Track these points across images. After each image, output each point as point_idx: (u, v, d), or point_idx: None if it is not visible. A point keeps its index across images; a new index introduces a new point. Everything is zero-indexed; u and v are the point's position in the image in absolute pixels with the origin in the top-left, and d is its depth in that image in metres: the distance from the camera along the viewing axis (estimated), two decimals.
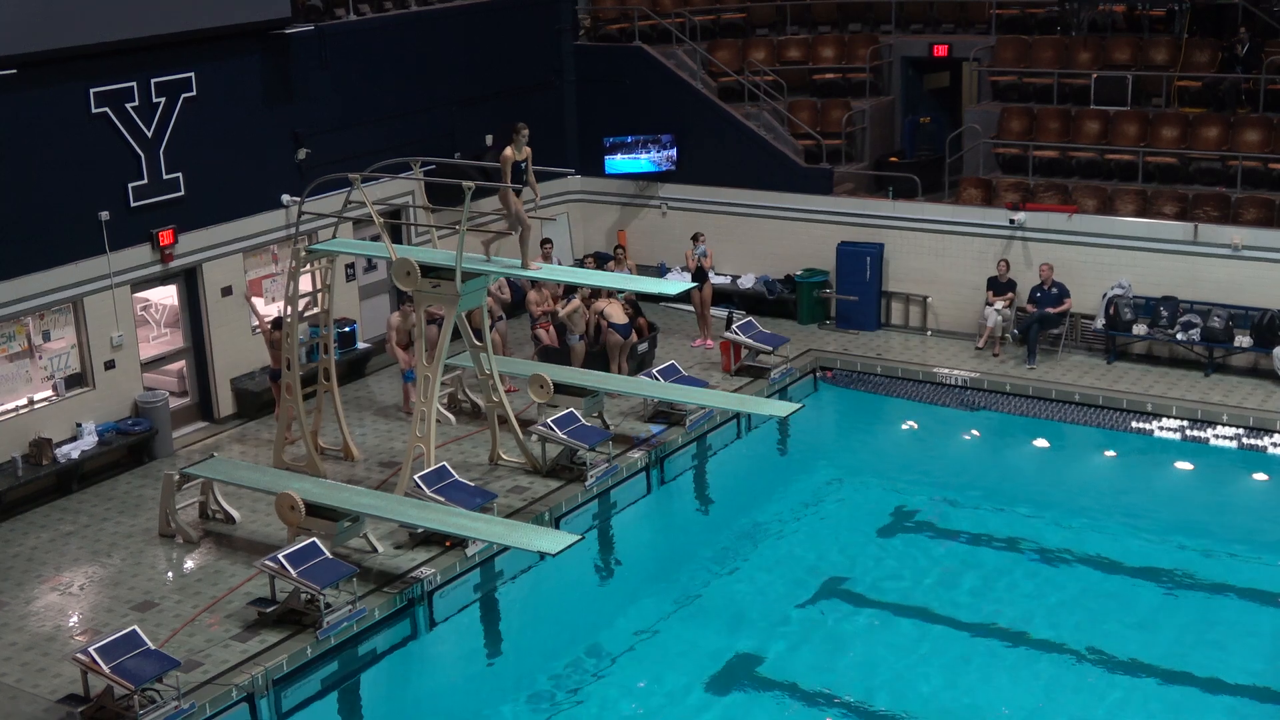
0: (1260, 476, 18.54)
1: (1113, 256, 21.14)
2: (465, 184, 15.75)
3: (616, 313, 20.60)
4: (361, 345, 21.26)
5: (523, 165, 16.55)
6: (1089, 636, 15.07)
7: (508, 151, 16.39)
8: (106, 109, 17.94)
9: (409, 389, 19.39)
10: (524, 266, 16.77)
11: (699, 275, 22.22)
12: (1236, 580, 16.18)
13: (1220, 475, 18.75)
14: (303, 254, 17.37)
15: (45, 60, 17.06)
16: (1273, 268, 20.08)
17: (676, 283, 19.33)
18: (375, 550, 15.69)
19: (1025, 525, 17.69)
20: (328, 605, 14.19)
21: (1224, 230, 20.43)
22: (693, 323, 23.07)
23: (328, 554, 14.42)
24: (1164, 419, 19.46)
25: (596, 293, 20.76)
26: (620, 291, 20.48)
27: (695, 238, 22.41)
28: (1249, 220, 20.57)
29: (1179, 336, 20.47)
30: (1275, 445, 18.74)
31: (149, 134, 18.43)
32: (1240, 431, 19.01)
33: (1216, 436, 19.11)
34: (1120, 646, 14.83)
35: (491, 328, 18.43)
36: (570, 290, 20.91)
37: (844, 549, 17.21)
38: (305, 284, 17.92)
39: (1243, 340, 20.19)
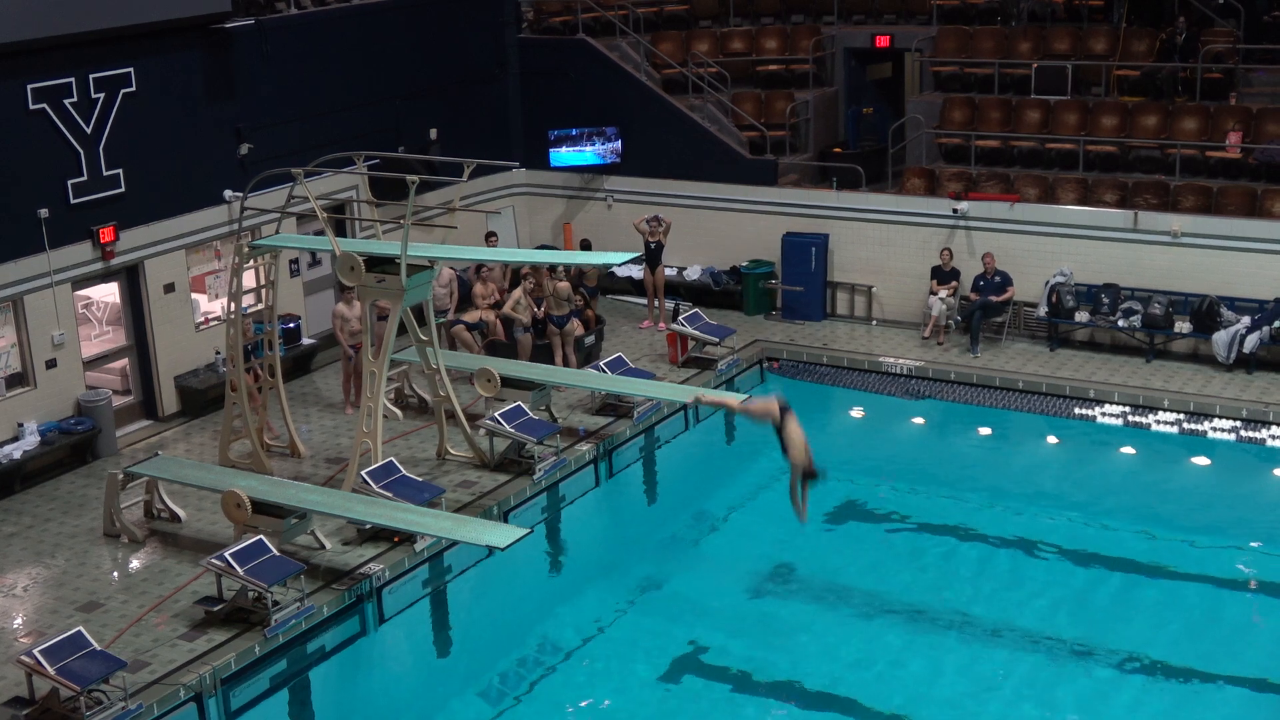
0: (1201, 460, 18.77)
1: (1054, 245, 21.34)
2: (409, 178, 15.67)
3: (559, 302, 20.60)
4: (307, 341, 21.16)
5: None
6: (1030, 619, 15.25)
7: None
8: (45, 105, 17.73)
9: (349, 383, 19.42)
10: None
11: (654, 256, 22.44)
12: (1179, 563, 16.38)
13: (1162, 460, 18.97)
14: (246, 250, 17.27)
15: None
16: (1211, 254, 20.34)
17: (622, 254, 19.36)
18: (323, 547, 15.62)
19: (970, 512, 17.83)
20: (275, 603, 14.11)
21: (1163, 218, 20.66)
22: (639, 313, 23.10)
23: (275, 551, 14.34)
24: (1106, 405, 19.66)
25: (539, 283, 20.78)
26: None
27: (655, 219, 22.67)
28: (1187, 207, 20.81)
29: (1120, 323, 20.68)
30: (1215, 429, 18.99)
31: (88, 130, 18.24)
32: (1181, 416, 19.24)
33: (1158, 422, 19.34)
34: (1062, 628, 14.99)
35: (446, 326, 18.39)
36: (515, 282, 20.90)
37: (791, 538, 17.27)
38: (249, 280, 17.79)
39: (1182, 326, 20.43)
